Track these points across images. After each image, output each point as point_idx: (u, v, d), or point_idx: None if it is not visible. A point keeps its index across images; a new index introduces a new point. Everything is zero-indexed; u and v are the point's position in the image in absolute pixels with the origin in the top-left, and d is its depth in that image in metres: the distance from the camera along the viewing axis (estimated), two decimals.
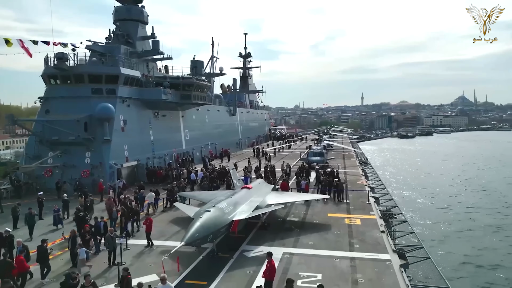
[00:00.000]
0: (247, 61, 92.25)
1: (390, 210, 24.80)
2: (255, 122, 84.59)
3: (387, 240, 17.35)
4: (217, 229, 14.79)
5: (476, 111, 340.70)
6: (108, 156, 31.47)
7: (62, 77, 33.09)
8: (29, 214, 19.00)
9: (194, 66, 48.66)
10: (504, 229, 41.51)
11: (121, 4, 42.90)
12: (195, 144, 48.50)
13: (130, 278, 11.28)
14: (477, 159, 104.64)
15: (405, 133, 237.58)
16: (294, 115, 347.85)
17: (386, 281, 13.13)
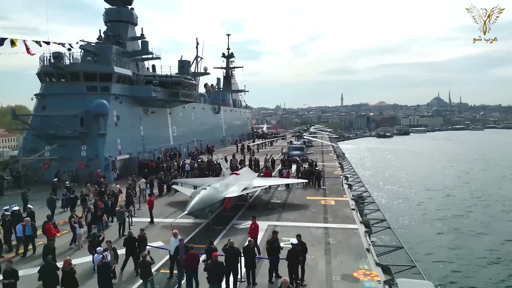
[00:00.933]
0: (230, 61, 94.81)
1: (362, 194, 27.97)
2: (238, 121, 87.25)
3: (356, 215, 20.36)
4: (213, 203, 17.52)
5: (451, 111, 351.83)
6: (103, 149, 33.67)
7: (58, 75, 35.02)
8: (51, 199, 21.16)
9: (181, 66, 51.07)
10: (455, 204, 49.03)
11: (112, 6, 44.89)
12: (182, 140, 50.83)
13: (146, 237, 13.90)
14: (446, 156, 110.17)
15: (383, 132, 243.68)
16: (276, 115, 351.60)
17: (353, 242, 16.10)
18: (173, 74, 46.57)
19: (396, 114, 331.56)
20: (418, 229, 39.53)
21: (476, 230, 39.24)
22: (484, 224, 41.18)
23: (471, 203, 51.50)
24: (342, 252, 14.86)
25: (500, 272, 28.33)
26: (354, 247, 15.40)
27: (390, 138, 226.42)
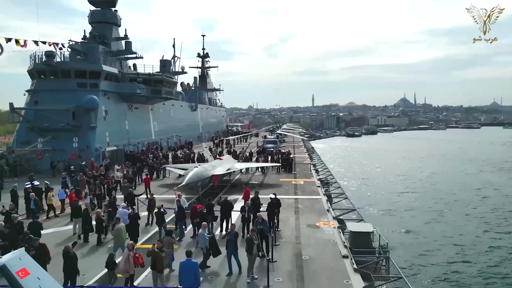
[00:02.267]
0: (205, 61, 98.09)
1: (327, 178, 32.40)
2: (214, 119, 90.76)
3: (321, 190, 24.63)
4: (204, 178, 21.31)
5: (416, 112, 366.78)
6: (94, 141, 36.65)
7: (50, 72, 37.63)
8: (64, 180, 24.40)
9: (163, 65, 54.27)
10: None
11: (96, 8, 47.56)
12: (162, 135, 53.95)
13: (154, 199, 17.57)
14: (406, 153, 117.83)
15: (352, 132, 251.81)
16: (248, 115, 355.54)
17: (316, 206, 20.31)
18: (154, 72, 49.71)
19: (365, 114, 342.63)
20: (369, 199, 49.94)
21: (413, 193, 53.80)
22: (414, 187, 53.83)
23: (413, 178, 65.65)
24: (308, 212, 19.03)
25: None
26: (317, 209, 19.60)
27: (359, 137, 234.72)
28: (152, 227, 16.70)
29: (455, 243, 32.26)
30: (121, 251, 11.64)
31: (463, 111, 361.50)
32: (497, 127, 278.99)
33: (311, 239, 14.98)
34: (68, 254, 10.12)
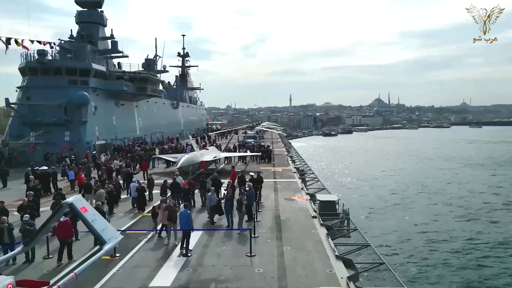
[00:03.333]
0: (185, 60, 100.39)
1: (303, 167, 35.83)
2: (194, 116, 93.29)
3: (296, 175, 28.00)
4: (194, 163, 24.34)
5: (390, 112, 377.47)
6: (85, 135, 38.93)
7: (42, 70, 39.58)
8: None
9: (148, 64, 56.63)
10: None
11: (82, 8, 49.51)
12: (146, 131, 56.32)
13: (153, 179, 20.46)
14: (377, 151, 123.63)
15: (328, 131, 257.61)
16: (227, 115, 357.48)
17: (292, 186, 23.65)
18: (140, 70, 52.09)
19: (341, 114, 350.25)
20: (339, 183, 58.07)
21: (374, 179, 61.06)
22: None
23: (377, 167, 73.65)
24: (285, 190, 22.33)
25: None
26: (293, 188, 22.94)
27: (335, 136, 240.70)
28: (153, 201, 19.52)
29: (403, 209, 42.24)
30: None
31: (434, 111, 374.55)
32: (466, 126, 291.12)
33: (288, 207, 18.26)
34: (99, 209, 12.98)
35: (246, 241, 12.60)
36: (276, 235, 14.04)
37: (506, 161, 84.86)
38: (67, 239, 11.70)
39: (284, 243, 13.02)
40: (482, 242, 30.68)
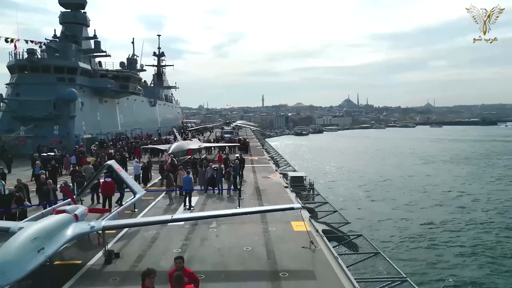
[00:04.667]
0: (161, 59, 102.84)
1: (276, 156, 40.04)
2: (170, 114, 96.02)
3: (271, 162, 32.11)
4: (183, 150, 27.98)
5: (359, 112, 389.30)
6: (73, 129, 41.59)
7: (31, 67, 41.87)
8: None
9: (129, 63, 59.35)
10: None
11: (66, 10, 51.75)
12: (127, 127, 59.00)
13: (151, 162, 24.01)
14: (345, 149, 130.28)
15: (300, 131, 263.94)
16: (199, 114, 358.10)
17: (267, 169, 27.72)
18: (122, 69, 54.85)
19: (312, 114, 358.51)
20: (308, 167, 63.37)
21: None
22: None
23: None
24: (262, 172, 26.37)
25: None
26: (268, 170, 27.04)
27: (306, 136, 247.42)
28: (152, 179, 23.07)
29: (361, 182, 50.83)
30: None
31: (400, 111, 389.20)
32: (428, 126, 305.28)
33: (265, 182, 22.33)
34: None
35: (235, 201, 16.53)
36: (257, 197, 18.04)
37: (467, 157, 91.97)
38: (109, 194, 15.27)
39: (263, 202, 17.01)
40: (434, 225, 34.86)
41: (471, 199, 43.19)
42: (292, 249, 10.99)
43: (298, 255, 10.53)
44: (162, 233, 12.84)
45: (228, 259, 10.40)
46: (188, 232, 12.81)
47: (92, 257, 10.49)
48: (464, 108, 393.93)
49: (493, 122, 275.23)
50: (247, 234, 12.49)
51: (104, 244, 10.25)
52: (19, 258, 7.63)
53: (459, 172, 66.09)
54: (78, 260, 10.37)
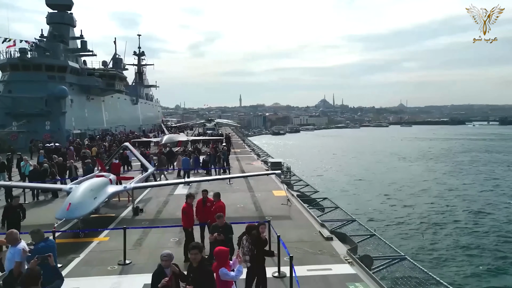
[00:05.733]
0: (141, 58, 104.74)
1: (257, 150, 43.59)
2: (151, 113, 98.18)
3: (252, 153, 35.61)
4: (173, 141, 31.18)
5: (335, 112, 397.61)
6: (64, 124, 43.90)
7: (23, 66, 43.91)
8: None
9: (115, 62, 61.67)
10: None
11: (53, 10, 53.70)
12: (111, 124, 61.29)
13: (149, 152, 27.14)
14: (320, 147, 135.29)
15: (277, 131, 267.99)
16: (176, 114, 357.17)
17: (250, 158, 31.19)
18: (108, 68, 57.24)
19: (289, 114, 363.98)
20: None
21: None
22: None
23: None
24: (245, 160, 29.88)
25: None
26: (250, 159, 30.59)
27: (284, 135, 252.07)
28: None
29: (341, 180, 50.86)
30: None
31: (374, 111, 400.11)
32: (401, 125, 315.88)
33: (248, 167, 25.86)
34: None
35: (226, 180, 19.93)
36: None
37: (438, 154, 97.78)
38: (117, 172, 18.34)
39: (248, 180, 20.52)
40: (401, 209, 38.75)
41: (438, 188, 47.65)
42: (274, 205, 14.57)
43: (278, 208, 14.13)
44: (171, 199, 16.17)
45: (226, 211, 13.83)
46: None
47: (122, 212, 13.75)
48: (435, 108, 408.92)
49: (462, 122, 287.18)
50: (238, 198, 15.99)
51: (133, 201, 13.55)
52: (84, 201, 10.90)
53: (424, 167, 71.36)
54: (112, 214, 13.60)
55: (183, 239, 10.38)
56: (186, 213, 9.41)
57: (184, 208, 9.57)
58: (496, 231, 25.79)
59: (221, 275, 5.35)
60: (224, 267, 5.42)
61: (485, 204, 34.27)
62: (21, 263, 6.05)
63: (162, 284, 5.02)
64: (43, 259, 5.30)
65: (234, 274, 5.48)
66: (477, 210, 32.02)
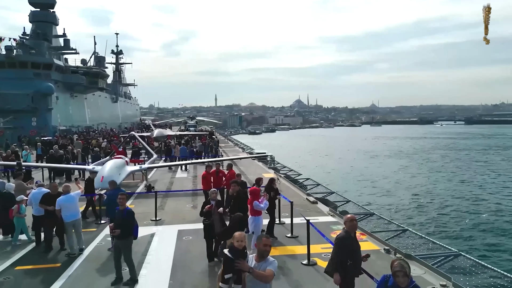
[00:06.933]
0: (119, 57, 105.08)
1: (240, 145, 46.08)
2: (130, 111, 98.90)
3: (236, 147, 38.06)
4: (163, 135, 33.23)
5: (309, 112, 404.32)
6: (51, 120, 44.97)
7: (8, 63, 44.64)
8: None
9: (98, 60, 62.68)
10: None
11: (36, 9, 54.35)
12: (94, 121, 62.33)
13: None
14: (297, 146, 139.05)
15: (254, 130, 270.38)
16: (150, 114, 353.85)
17: (236, 151, 33.63)
18: (91, 66, 58.33)
19: (265, 114, 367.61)
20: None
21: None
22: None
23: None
24: (231, 152, 32.27)
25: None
26: (236, 151, 33.00)
27: (260, 135, 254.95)
28: None
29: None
30: None
31: (348, 111, 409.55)
32: (373, 125, 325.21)
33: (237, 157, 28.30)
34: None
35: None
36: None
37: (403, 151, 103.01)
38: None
39: (239, 166, 23.01)
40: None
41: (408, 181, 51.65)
42: (265, 183, 17.08)
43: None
44: (174, 180, 18.48)
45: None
46: (193, 179, 18.57)
47: (136, 189, 15.99)
48: (405, 108, 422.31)
49: (430, 122, 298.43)
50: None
51: (146, 179, 15.81)
52: (113, 175, 13.10)
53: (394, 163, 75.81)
54: (128, 191, 15.80)
55: (196, 204, 12.81)
56: (205, 178, 11.93)
57: (204, 175, 12.18)
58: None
59: (254, 206, 8.01)
60: (256, 201, 8.05)
61: (450, 194, 37.85)
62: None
63: (207, 209, 7.55)
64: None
65: (263, 205, 8.10)
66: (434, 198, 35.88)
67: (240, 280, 4.32)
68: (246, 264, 4.09)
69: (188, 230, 10.26)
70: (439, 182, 43.66)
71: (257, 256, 4.30)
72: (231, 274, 4.36)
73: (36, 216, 9.09)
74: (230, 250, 4.40)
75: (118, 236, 6.89)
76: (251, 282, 4.18)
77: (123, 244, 6.89)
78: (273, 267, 4.24)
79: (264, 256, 4.29)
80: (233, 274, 4.35)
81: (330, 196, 15.20)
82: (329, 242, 7.47)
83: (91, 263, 8.15)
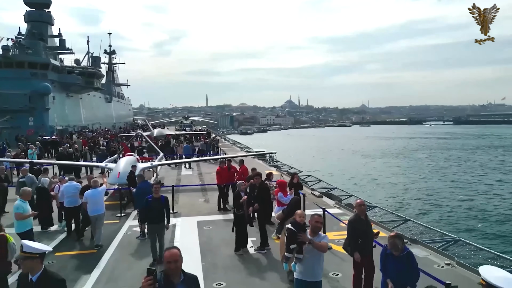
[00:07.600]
0: (112, 57, 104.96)
1: (236, 144, 46.79)
2: (123, 111, 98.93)
3: (234, 146, 38.78)
4: (163, 134, 33.81)
5: (300, 112, 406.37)
6: (48, 120, 45.16)
7: (5, 63, 44.71)
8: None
9: (94, 60, 62.81)
10: None
11: (31, 9, 54.32)
12: (88, 121, 62.44)
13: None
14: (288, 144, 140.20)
15: (245, 130, 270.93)
16: (141, 114, 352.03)
17: (234, 150, 34.36)
18: (87, 66, 58.48)
19: (256, 114, 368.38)
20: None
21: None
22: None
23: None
24: (230, 152, 32.94)
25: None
26: (235, 150, 33.71)
27: (251, 135, 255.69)
28: None
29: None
30: None
31: (338, 112, 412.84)
32: (363, 125, 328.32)
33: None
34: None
35: None
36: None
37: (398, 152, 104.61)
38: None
39: None
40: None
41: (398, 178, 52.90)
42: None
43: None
44: (181, 177, 19.15)
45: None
46: (199, 176, 19.27)
47: None
48: (394, 109, 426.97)
49: (419, 122, 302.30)
50: None
51: (157, 175, 16.48)
52: (127, 171, 13.76)
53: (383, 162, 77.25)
54: None
55: (208, 199, 13.53)
56: (219, 173, 12.68)
57: (218, 170, 12.94)
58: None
59: (278, 197, 8.77)
60: (281, 193, 8.87)
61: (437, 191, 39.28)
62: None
63: (243, 200, 8.38)
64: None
65: (286, 198, 8.89)
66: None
67: (301, 250, 5.11)
68: (307, 236, 4.93)
69: (207, 221, 11.01)
70: (433, 178, 45.46)
71: (311, 231, 5.15)
72: (295, 245, 5.13)
73: (68, 207, 9.71)
74: (293, 224, 5.27)
75: (155, 220, 7.60)
76: (308, 253, 5.06)
77: (160, 228, 7.61)
78: (326, 240, 5.17)
79: (316, 231, 5.20)
80: (296, 245, 5.12)
81: (333, 191, 16.02)
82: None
83: (124, 249, 8.83)
